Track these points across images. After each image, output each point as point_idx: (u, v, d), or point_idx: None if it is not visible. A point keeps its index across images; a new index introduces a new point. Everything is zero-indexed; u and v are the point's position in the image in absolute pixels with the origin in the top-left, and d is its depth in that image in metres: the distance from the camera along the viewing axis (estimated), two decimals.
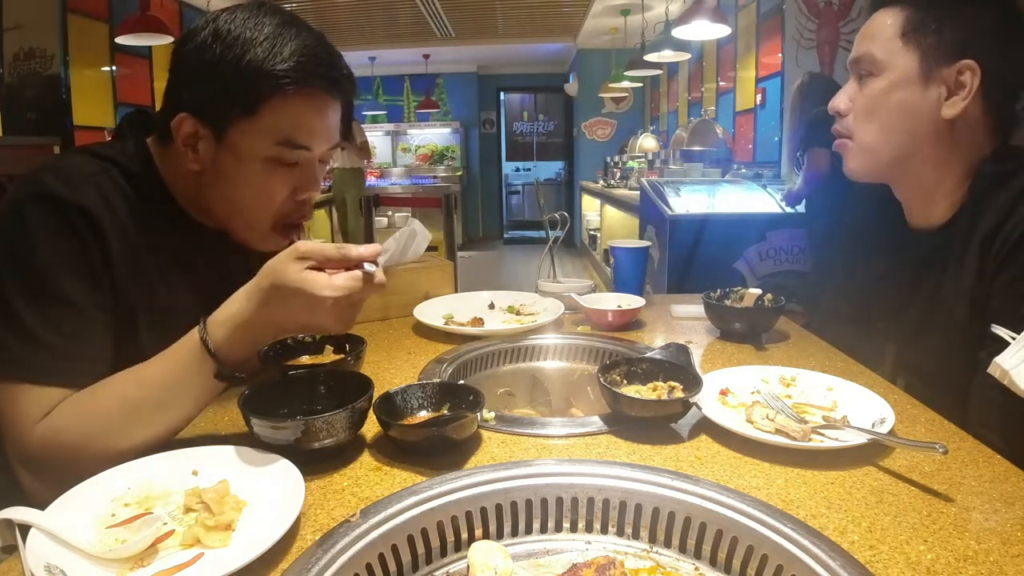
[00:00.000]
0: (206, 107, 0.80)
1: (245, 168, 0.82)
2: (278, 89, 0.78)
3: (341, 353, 0.98)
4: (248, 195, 0.84)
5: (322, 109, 0.83)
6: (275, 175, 0.83)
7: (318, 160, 0.87)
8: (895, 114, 0.92)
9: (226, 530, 0.56)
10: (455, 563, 0.61)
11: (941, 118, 0.90)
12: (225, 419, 0.84)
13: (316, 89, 0.81)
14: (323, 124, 0.84)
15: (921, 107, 0.91)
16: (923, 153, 0.94)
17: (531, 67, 9.16)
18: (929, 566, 0.52)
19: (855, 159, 0.98)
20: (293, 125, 0.81)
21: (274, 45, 0.78)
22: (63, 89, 4.11)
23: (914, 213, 1.02)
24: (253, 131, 0.80)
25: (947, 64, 0.88)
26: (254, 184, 0.83)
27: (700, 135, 4.26)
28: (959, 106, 0.89)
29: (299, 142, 0.82)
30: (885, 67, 0.92)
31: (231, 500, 0.60)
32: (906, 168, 0.96)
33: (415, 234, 1.38)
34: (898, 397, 0.87)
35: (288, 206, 0.87)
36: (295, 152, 0.83)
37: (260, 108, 0.79)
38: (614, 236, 5.47)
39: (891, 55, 0.91)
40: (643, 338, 1.18)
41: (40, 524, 0.54)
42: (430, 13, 6.22)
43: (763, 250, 2.83)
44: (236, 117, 0.80)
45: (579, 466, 0.66)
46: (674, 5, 5.00)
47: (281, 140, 0.81)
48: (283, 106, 0.80)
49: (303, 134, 0.82)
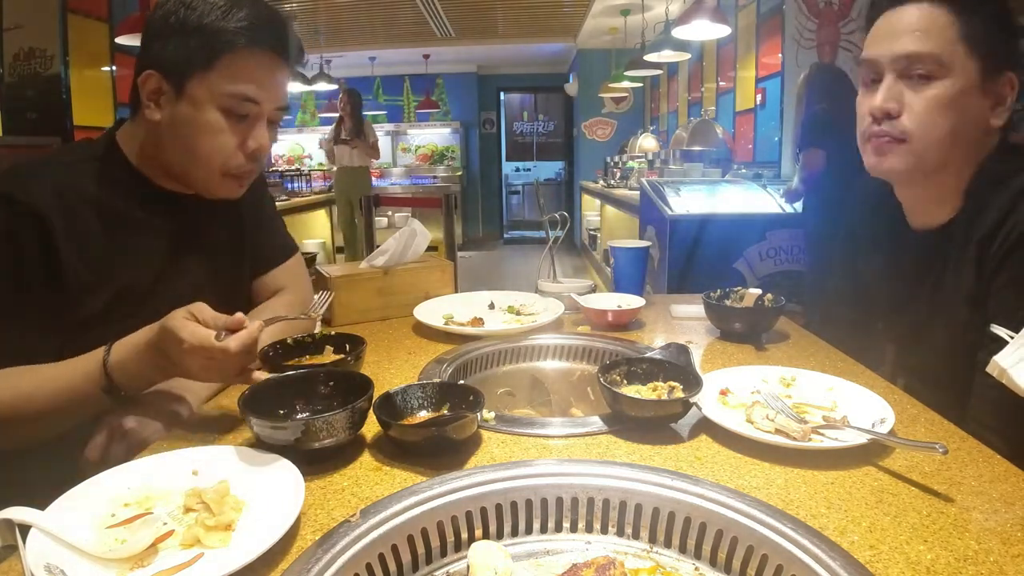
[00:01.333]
0: (168, 63, 0.89)
1: (201, 117, 0.90)
2: (232, 46, 0.88)
3: (341, 353, 0.98)
4: (203, 142, 0.92)
5: (272, 68, 0.93)
6: (227, 125, 0.92)
7: (267, 119, 0.96)
8: (963, 120, 0.89)
9: (226, 530, 0.56)
10: (455, 563, 0.61)
11: (985, 127, 0.90)
12: (225, 419, 0.84)
13: (266, 49, 0.91)
14: (272, 82, 0.93)
15: (979, 115, 0.89)
16: (958, 159, 0.92)
17: (531, 67, 9.16)
18: (929, 566, 0.52)
19: (902, 160, 0.92)
20: (244, 79, 0.90)
21: (231, 7, 0.89)
22: (63, 89, 4.10)
23: (917, 214, 1.01)
24: (209, 83, 0.89)
25: (997, 74, 0.88)
26: (208, 132, 0.91)
27: (700, 135, 4.26)
28: (1004, 116, 0.89)
29: (249, 95, 0.91)
30: (951, 71, 0.87)
31: (231, 500, 0.60)
32: (937, 173, 0.93)
33: (415, 234, 1.39)
34: (898, 397, 0.87)
35: (237, 157, 0.94)
36: (245, 104, 0.91)
37: (216, 63, 0.88)
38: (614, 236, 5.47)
39: (957, 59, 0.86)
40: (643, 338, 1.18)
41: (40, 524, 0.54)
42: (430, 13, 6.22)
43: (763, 250, 2.83)
44: (195, 71, 0.89)
45: (579, 466, 0.66)
46: (674, 5, 5.00)
47: (233, 92, 0.90)
48: (236, 62, 0.89)
49: (253, 88, 0.91)
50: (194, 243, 1.03)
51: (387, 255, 1.35)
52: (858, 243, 1.15)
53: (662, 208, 2.92)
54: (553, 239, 1.55)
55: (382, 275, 1.34)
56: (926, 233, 0.99)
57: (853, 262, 1.15)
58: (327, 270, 1.34)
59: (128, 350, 0.81)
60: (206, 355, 0.77)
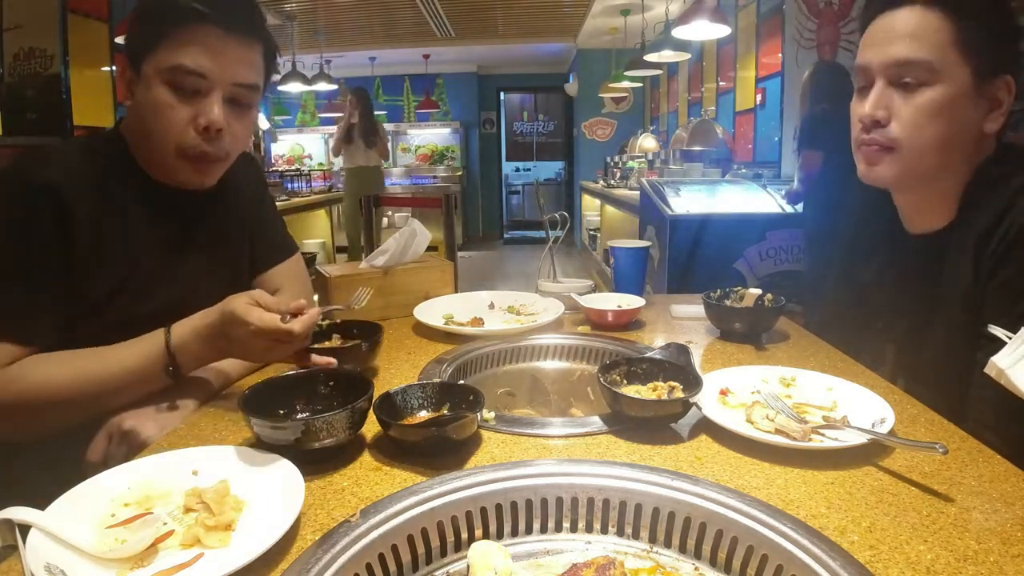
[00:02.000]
0: (129, 48, 0.94)
1: (152, 96, 0.91)
2: (178, 22, 0.90)
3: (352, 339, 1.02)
4: (154, 122, 0.92)
5: (222, 42, 0.92)
6: (175, 100, 0.91)
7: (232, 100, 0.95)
8: (954, 127, 0.87)
9: (226, 530, 0.56)
10: (455, 563, 0.61)
11: (981, 132, 0.88)
12: (225, 419, 0.84)
13: (215, 24, 0.91)
14: (222, 57, 0.92)
15: (970, 120, 0.88)
16: (952, 164, 0.91)
17: (531, 67, 9.16)
18: (929, 566, 0.52)
19: (891, 168, 0.92)
20: (187, 52, 0.90)
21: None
22: (63, 89, 4.10)
23: (914, 219, 1.00)
24: (156, 62, 0.91)
25: (991, 79, 0.86)
26: (157, 109, 0.91)
27: (700, 135, 4.26)
28: (999, 121, 0.88)
29: (191, 67, 0.90)
30: (943, 77, 0.85)
31: (231, 500, 0.60)
32: (931, 178, 0.92)
33: (415, 234, 1.39)
34: (898, 397, 0.87)
35: (188, 133, 0.93)
36: (190, 79, 0.91)
37: (160, 41, 0.90)
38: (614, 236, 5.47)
39: (949, 65, 0.85)
40: (643, 338, 1.18)
41: (40, 524, 0.54)
42: (430, 13, 6.22)
43: (763, 250, 2.82)
44: (147, 52, 0.91)
45: (579, 466, 0.66)
46: (674, 5, 5.00)
47: (174, 65, 0.90)
48: (181, 36, 0.90)
49: (195, 60, 0.90)
50: (192, 238, 1.04)
51: (387, 255, 1.35)
52: (855, 245, 1.15)
53: (662, 208, 2.92)
54: (553, 239, 1.55)
55: (382, 275, 1.34)
56: (923, 237, 0.98)
57: (851, 264, 1.15)
58: (327, 270, 1.34)
59: (188, 332, 0.87)
60: (273, 337, 0.84)
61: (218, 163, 0.98)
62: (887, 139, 0.90)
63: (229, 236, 1.12)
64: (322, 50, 7.02)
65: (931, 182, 0.93)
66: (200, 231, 1.06)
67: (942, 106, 0.86)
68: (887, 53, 0.88)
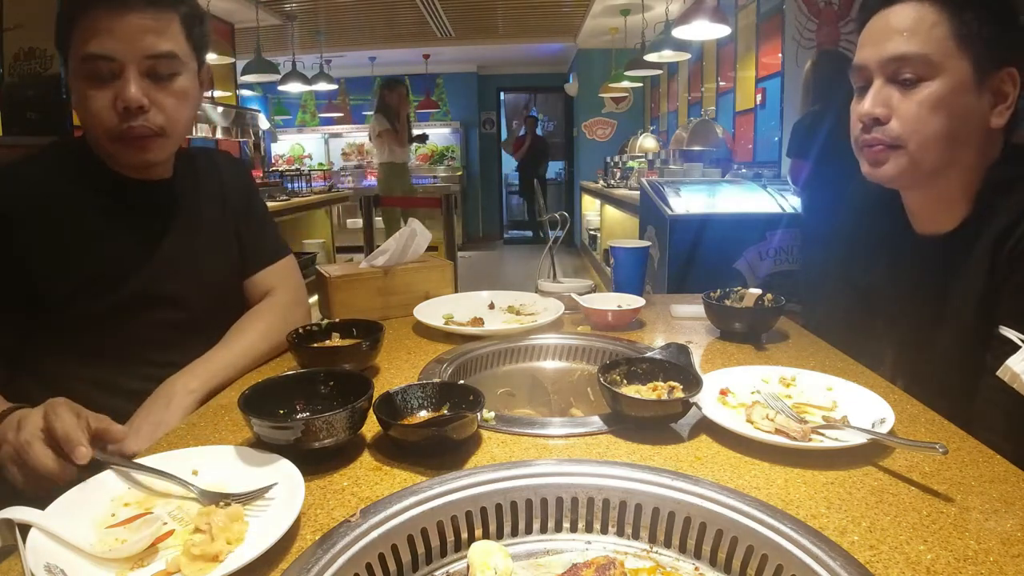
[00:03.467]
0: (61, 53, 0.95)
1: (77, 91, 0.94)
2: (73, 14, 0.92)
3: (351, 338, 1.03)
4: (84, 115, 0.95)
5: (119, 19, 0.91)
6: (92, 89, 0.93)
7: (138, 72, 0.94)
8: (957, 121, 0.86)
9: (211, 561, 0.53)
10: (455, 563, 0.61)
11: (987, 126, 0.87)
12: (225, 419, 0.84)
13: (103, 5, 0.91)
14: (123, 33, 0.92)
15: (975, 114, 0.86)
16: (962, 161, 0.90)
17: (531, 67, 9.15)
18: (929, 566, 0.52)
19: (899, 166, 0.90)
20: (90, 40, 0.91)
21: None
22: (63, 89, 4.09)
23: (923, 219, 0.99)
24: (72, 56, 0.94)
25: (994, 71, 0.85)
26: (82, 103, 0.94)
27: (700, 135, 4.26)
28: (1006, 115, 0.86)
29: (97, 53, 0.91)
30: (941, 70, 0.84)
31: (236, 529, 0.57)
32: (941, 177, 0.91)
33: (415, 234, 1.39)
34: (898, 397, 0.87)
35: (112, 118, 0.94)
36: (100, 64, 0.92)
37: (71, 36, 0.92)
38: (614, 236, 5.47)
39: (946, 58, 0.84)
40: (643, 338, 1.18)
41: (40, 524, 0.54)
42: (430, 13, 6.22)
43: (763, 250, 2.82)
44: (65, 49, 0.94)
45: (579, 466, 0.66)
46: (674, 5, 5.00)
47: (84, 56, 0.91)
48: (83, 27, 0.91)
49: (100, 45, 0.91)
50: (159, 230, 1.05)
51: (387, 255, 1.35)
52: (858, 247, 1.14)
53: (662, 208, 2.92)
54: (553, 239, 1.55)
55: (382, 275, 1.34)
56: (932, 239, 0.97)
57: (853, 265, 1.14)
58: (327, 270, 1.34)
59: None
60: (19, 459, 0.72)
61: (156, 139, 0.97)
62: (890, 137, 0.89)
63: (201, 229, 1.11)
64: (322, 50, 7.02)
65: (940, 179, 0.92)
66: (169, 223, 1.06)
67: (943, 99, 0.85)
68: (884, 50, 0.87)
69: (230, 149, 6.34)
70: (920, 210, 0.99)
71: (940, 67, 0.84)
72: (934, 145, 0.87)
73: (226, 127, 5.17)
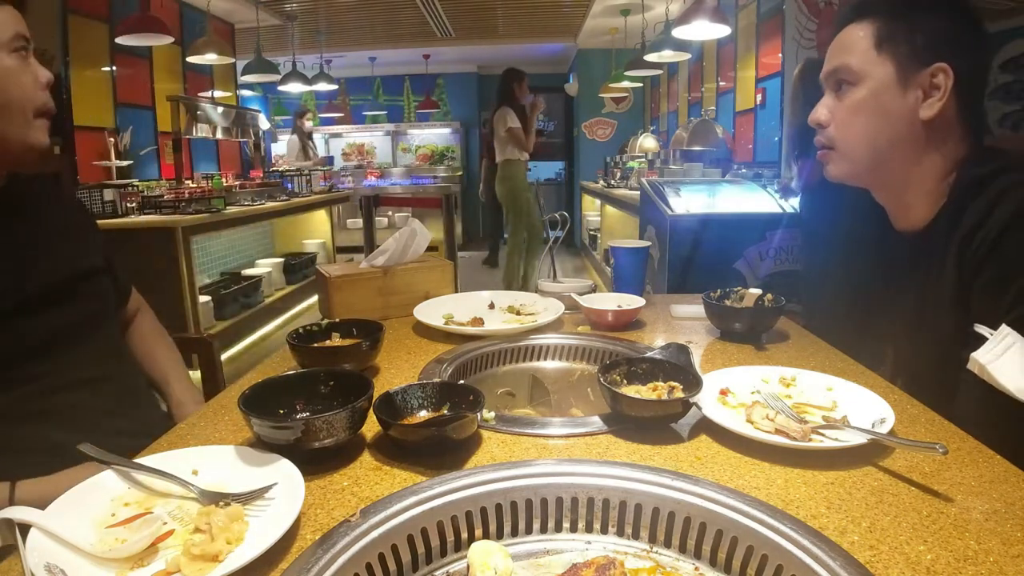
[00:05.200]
0: None
1: None
2: None
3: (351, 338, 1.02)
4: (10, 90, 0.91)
5: None
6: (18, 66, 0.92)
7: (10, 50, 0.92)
8: (876, 120, 0.95)
9: (211, 561, 0.53)
10: (455, 563, 0.61)
11: (918, 120, 0.93)
12: (225, 419, 0.84)
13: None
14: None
15: (900, 111, 0.93)
16: (901, 156, 0.96)
17: (531, 67, 9.09)
18: (929, 566, 0.52)
19: (837, 166, 1.01)
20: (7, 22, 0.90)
21: None
22: (63, 89, 4.10)
23: (896, 216, 1.04)
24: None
25: (921, 69, 0.91)
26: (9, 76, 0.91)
27: (700, 135, 4.26)
28: (936, 107, 0.91)
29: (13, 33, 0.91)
30: (862, 76, 0.94)
31: (236, 528, 0.57)
32: (885, 172, 0.98)
33: (415, 234, 1.39)
34: (898, 397, 0.87)
35: None
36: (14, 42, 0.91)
37: None
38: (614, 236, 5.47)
39: (867, 65, 0.93)
40: (643, 338, 1.18)
41: (40, 524, 0.54)
42: (430, 13, 6.22)
43: (763, 250, 2.82)
44: None
45: (579, 466, 0.66)
46: (674, 5, 5.00)
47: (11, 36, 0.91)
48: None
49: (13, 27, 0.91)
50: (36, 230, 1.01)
51: (387, 255, 1.35)
52: (851, 245, 1.18)
53: (662, 208, 2.92)
54: (553, 239, 1.55)
55: (382, 275, 1.34)
56: (910, 235, 1.01)
57: (847, 264, 1.17)
58: (327, 270, 1.34)
59: None
60: None
61: None
62: (827, 139, 1.00)
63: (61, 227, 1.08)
64: (322, 50, 7.03)
65: (887, 176, 0.99)
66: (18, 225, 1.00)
67: (864, 102, 0.95)
68: (828, 64, 0.99)
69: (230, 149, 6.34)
70: (891, 208, 1.04)
71: (862, 73, 0.94)
72: (858, 143, 0.97)
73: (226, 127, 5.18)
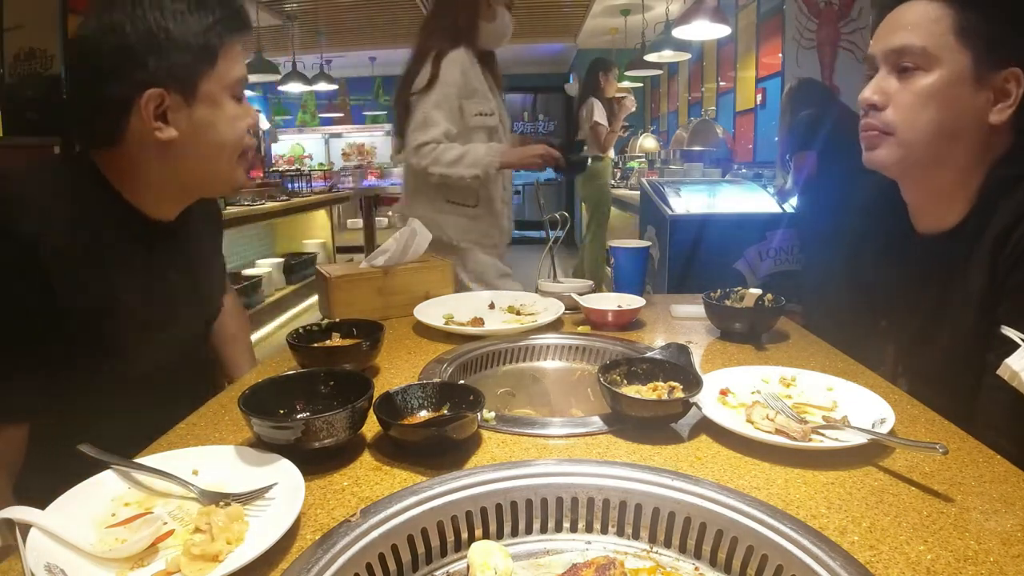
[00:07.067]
0: (172, 76, 0.87)
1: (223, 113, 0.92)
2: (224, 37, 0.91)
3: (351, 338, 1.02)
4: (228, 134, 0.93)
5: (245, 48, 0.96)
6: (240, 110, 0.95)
7: None
8: (949, 113, 0.88)
9: (212, 561, 0.53)
10: (455, 563, 0.61)
11: (987, 123, 0.88)
12: (225, 419, 0.84)
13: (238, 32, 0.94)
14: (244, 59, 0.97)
15: (972, 108, 0.87)
16: (959, 155, 0.91)
17: (531, 67, 9.15)
18: (929, 566, 0.52)
19: (891, 153, 0.93)
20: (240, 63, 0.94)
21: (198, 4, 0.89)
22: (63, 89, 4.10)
23: (924, 217, 0.99)
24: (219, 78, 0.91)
25: (996, 69, 0.86)
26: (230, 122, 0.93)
27: (700, 135, 4.26)
28: (1006, 113, 0.87)
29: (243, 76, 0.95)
30: (938, 62, 0.86)
31: (236, 528, 0.57)
32: (934, 169, 0.92)
33: (415, 234, 1.39)
34: (898, 397, 0.87)
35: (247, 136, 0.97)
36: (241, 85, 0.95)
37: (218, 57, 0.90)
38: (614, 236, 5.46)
39: (945, 51, 0.86)
40: (643, 338, 1.18)
41: (40, 524, 0.54)
42: None
43: (763, 250, 2.82)
44: (203, 71, 0.89)
45: (579, 466, 0.66)
46: (674, 5, 5.00)
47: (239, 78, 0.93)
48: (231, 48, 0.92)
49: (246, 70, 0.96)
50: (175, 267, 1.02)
51: (387, 255, 1.35)
52: (860, 246, 1.14)
53: (662, 208, 2.92)
54: (553, 239, 1.55)
55: (382, 275, 1.34)
56: (934, 237, 0.97)
57: (856, 264, 1.14)
58: (327, 270, 1.34)
59: None
60: None
61: None
62: (883, 123, 0.92)
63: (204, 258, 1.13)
64: (322, 50, 7.02)
65: (934, 172, 0.93)
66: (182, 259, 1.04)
67: (937, 91, 0.87)
68: (889, 42, 0.91)
69: None
70: (920, 206, 1.00)
71: (938, 59, 0.86)
72: (924, 134, 0.90)
73: None
